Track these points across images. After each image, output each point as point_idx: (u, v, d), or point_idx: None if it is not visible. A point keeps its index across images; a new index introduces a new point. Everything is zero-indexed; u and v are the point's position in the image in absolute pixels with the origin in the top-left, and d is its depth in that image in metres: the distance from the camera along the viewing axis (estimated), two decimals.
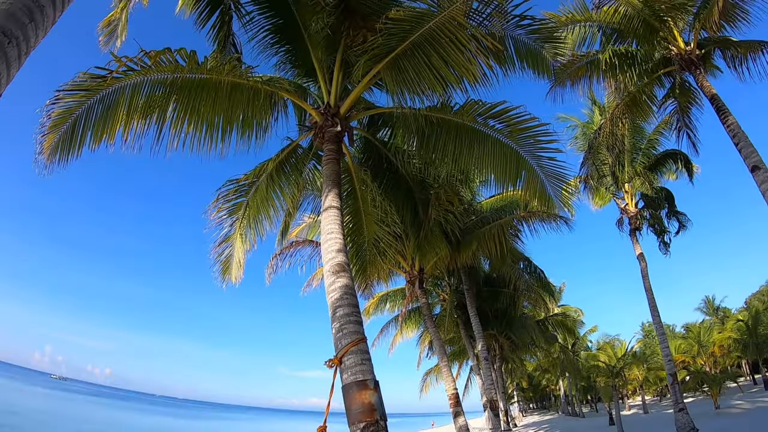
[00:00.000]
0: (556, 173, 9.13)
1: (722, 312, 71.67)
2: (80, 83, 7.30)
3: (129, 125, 8.10)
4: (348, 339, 6.03)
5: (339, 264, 6.68)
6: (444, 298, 26.68)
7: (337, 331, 6.15)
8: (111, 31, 10.31)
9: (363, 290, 14.34)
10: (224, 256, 11.46)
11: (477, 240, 17.08)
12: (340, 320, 6.19)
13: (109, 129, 7.97)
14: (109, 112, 7.83)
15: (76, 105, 7.54)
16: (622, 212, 22.23)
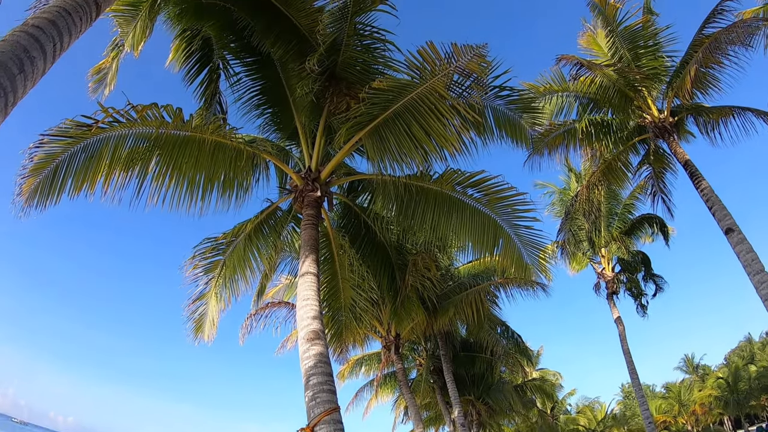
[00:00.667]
0: (533, 241, 9.23)
1: (702, 370, 71.81)
2: (65, 130, 7.31)
3: (110, 176, 8.08)
4: (321, 408, 5.94)
5: (314, 331, 6.64)
6: (420, 363, 26.31)
7: (310, 400, 6.06)
8: (100, 79, 10.42)
9: (338, 355, 14.18)
10: (198, 314, 11.28)
11: (454, 306, 17.04)
12: (314, 389, 6.11)
13: (90, 178, 7.95)
14: (91, 161, 7.82)
15: (60, 151, 7.51)
16: (599, 276, 22.46)
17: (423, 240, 10.18)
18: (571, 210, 17.01)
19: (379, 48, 9.04)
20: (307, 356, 6.40)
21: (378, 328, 17.41)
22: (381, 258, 12.21)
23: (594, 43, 16.20)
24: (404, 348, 26.00)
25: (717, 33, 12.58)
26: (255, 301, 13.84)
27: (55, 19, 4.44)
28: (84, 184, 7.97)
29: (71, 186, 7.93)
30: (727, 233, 11.94)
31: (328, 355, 6.62)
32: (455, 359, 23.70)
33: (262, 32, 9.13)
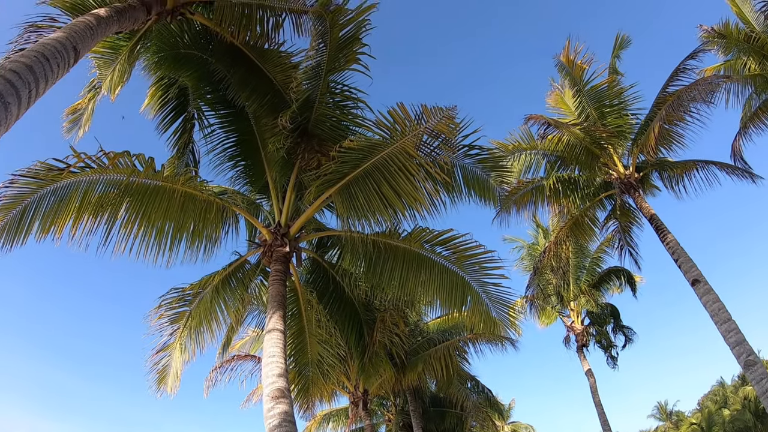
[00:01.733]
0: (501, 298, 9.28)
1: (676, 416, 71.54)
2: (36, 172, 7.23)
3: (78, 221, 7.98)
4: None
5: (279, 389, 6.55)
6: (389, 419, 25.90)
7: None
8: (75, 119, 10.39)
9: (305, 411, 13.91)
10: (161, 365, 11.02)
11: (423, 362, 16.93)
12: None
13: (58, 222, 7.84)
14: (60, 204, 7.73)
15: (29, 192, 7.41)
16: (568, 330, 22.60)
17: (391, 297, 10.18)
18: (539, 266, 17.21)
19: (351, 106, 9.26)
20: (272, 415, 6.29)
21: (346, 384, 17.20)
22: (349, 314, 12.13)
23: (561, 102, 16.69)
24: (373, 403, 25.59)
25: (679, 91, 13.08)
26: (220, 353, 13.59)
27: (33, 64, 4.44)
28: (51, 227, 7.86)
29: (38, 228, 7.79)
30: (693, 284, 12.18)
31: (293, 414, 6.52)
32: (425, 414, 23.34)
33: (238, 85, 9.26)
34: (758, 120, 14.99)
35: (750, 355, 10.93)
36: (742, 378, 71.14)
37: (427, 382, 22.81)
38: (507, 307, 9.37)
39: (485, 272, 9.21)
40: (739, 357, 11.06)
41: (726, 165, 14.61)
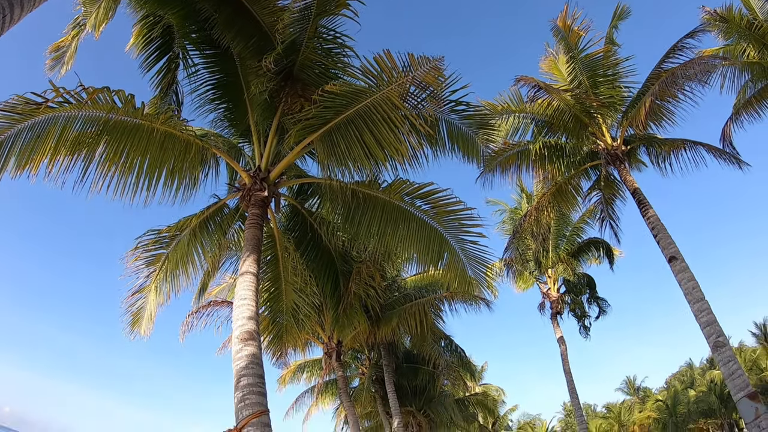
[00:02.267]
0: (478, 257, 9.28)
1: (643, 392, 73.48)
2: (14, 105, 7.07)
3: (55, 158, 7.84)
4: (250, 410, 5.82)
5: (248, 332, 6.52)
6: (363, 372, 26.29)
7: (239, 401, 5.93)
8: (58, 57, 10.19)
9: (278, 358, 13.98)
10: (136, 307, 10.96)
11: (397, 316, 17.04)
12: (243, 390, 5.99)
13: (35, 158, 7.68)
14: (37, 141, 7.57)
15: (6, 127, 7.27)
16: (544, 296, 22.77)
17: (369, 249, 10.13)
18: (519, 229, 17.19)
19: (338, 53, 9.02)
20: (240, 357, 6.28)
21: (320, 334, 17.29)
22: (326, 263, 12.10)
23: (555, 68, 16.48)
24: (347, 356, 25.83)
25: (675, 68, 12.92)
26: (196, 298, 13.58)
27: None
28: (28, 164, 7.70)
29: (14, 164, 7.63)
30: (670, 261, 12.25)
31: (261, 357, 6.50)
32: (398, 370, 23.68)
33: (224, 25, 8.97)
34: (751, 108, 14.94)
35: (719, 337, 11.07)
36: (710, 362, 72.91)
37: (402, 338, 23.06)
38: (484, 265, 9.37)
39: (464, 229, 9.17)
40: (709, 337, 11.20)
41: (714, 148, 14.57)
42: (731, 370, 10.80)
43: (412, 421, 28.59)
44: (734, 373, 10.77)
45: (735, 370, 10.79)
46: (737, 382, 10.69)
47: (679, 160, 14.69)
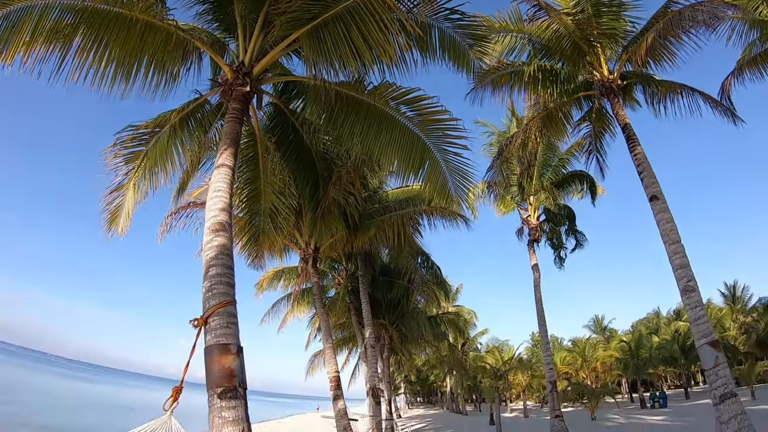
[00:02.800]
0: (460, 170, 9.13)
1: (609, 332, 76.01)
2: None
3: (31, 49, 7.52)
4: (216, 300, 5.79)
5: (220, 223, 6.41)
6: (339, 282, 26.75)
7: (207, 291, 5.90)
8: None
9: (253, 260, 13.99)
10: (114, 206, 10.82)
11: (376, 227, 17.05)
12: (212, 280, 5.94)
13: (10, 49, 7.38)
14: (12, 30, 7.26)
15: None
16: (523, 222, 22.81)
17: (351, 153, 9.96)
18: (504, 149, 16.99)
19: None
20: (209, 247, 6.20)
21: (297, 239, 17.18)
22: (306, 166, 11.94)
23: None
24: (324, 265, 26.19)
25: (683, 8, 12.51)
26: (175, 197, 13.34)
27: None
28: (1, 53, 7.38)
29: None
30: (651, 200, 12.23)
31: (231, 249, 6.41)
32: (373, 282, 24.09)
33: None
34: (755, 66, 14.58)
35: (690, 281, 11.18)
36: (677, 314, 75.55)
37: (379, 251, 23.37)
38: (465, 179, 9.23)
39: (448, 140, 8.98)
40: (680, 280, 11.31)
41: (712, 98, 14.29)
42: (697, 315, 10.99)
43: (384, 334, 29.29)
44: (699, 319, 10.97)
45: (701, 316, 10.99)
46: (701, 328, 10.89)
47: (674, 105, 14.43)
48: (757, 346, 49.67)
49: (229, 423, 5.22)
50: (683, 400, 47.25)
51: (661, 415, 33.00)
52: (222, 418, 5.23)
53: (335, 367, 16.75)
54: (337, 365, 16.87)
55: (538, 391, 66.16)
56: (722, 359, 10.52)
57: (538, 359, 56.86)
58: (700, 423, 23.04)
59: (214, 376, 5.41)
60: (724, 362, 10.49)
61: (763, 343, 48.35)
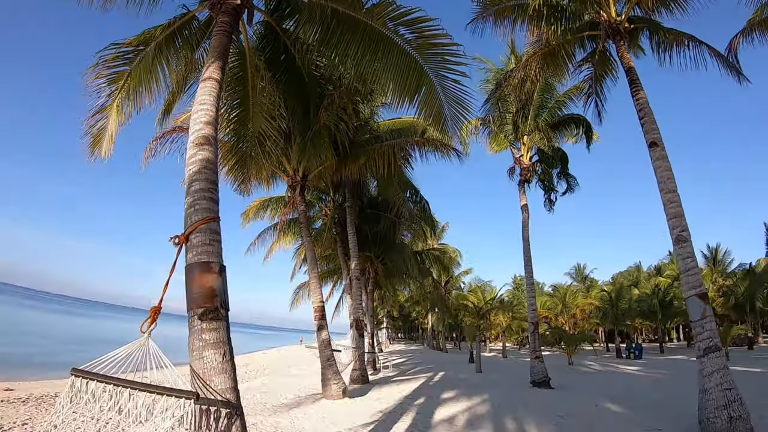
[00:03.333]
0: (457, 97, 8.71)
1: (589, 281, 77.11)
2: None
3: None
4: (199, 216, 5.49)
5: (204, 136, 6.04)
6: (326, 213, 26.51)
7: (189, 207, 5.58)
8: None
9: (240, 184, 13.58)
10: (97, 128, 10.40)
11: (366, 155, 16.74)
12: (194, 195, 5.61)
13: None
14: None
15: None
16: (515, 162, 22.36)
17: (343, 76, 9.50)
18: (503, 84, 16.48)
19: None
20: (193, 161, 5.84)
21: (285, 166, 16.65)
22: (298, 88, 11.47)
23: None
24: (312, 196, 25.99)
25: None
26: (160, 120, 12.86)
27: None
28: None
29: None
30: (651, 146, 11.93)
31: (216, 164, 6.06)
32: (361, 214, 24.05)
33: None
34: (765, 28, 14.00)
35: (683, 231, 11.00)
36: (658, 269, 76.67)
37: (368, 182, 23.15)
38: (462, 107, 8.82)
39: (446, 66, 8.50)
40: (673, 229, 11.12)
41: (719, 53, 13.71)
42: (688, 266, 10.86)
43: (369, 267, 29.36)
44: (690, 270, 10.85)
45: (691, 267, 10.86)
46: (691, 279, 10.78)
47: (680, 56, 13.89)
48: (734, 310, 50.69)
49: (209, 346, 5.01)
50: (658, 354, 48.14)
51: (636, 365, 33.59)
52: (202, 341, 5.01)
53: (320, 297, 16.76)
54: (321, 295, 16.84)
55: (516, 333, 67.34)
56: (709, 312, 10.46)
57: (519, 302, 57.89)
58: (675, 376, 23.36)
59: (194, 296, 5.15)
60: (711, 315, 10.43)
61: (741, 307, 49.38)
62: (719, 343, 10.12)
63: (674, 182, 11.42)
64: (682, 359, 38.77)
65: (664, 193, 11.40)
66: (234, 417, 4.79)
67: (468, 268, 65.96)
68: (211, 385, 4.86)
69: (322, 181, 20.50)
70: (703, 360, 10.04)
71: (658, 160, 11.70)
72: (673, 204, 11.20)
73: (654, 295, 54.38)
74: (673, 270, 69.14)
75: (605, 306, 53.08)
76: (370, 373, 25.19)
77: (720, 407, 9.41)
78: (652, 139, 11.93)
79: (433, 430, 10.97)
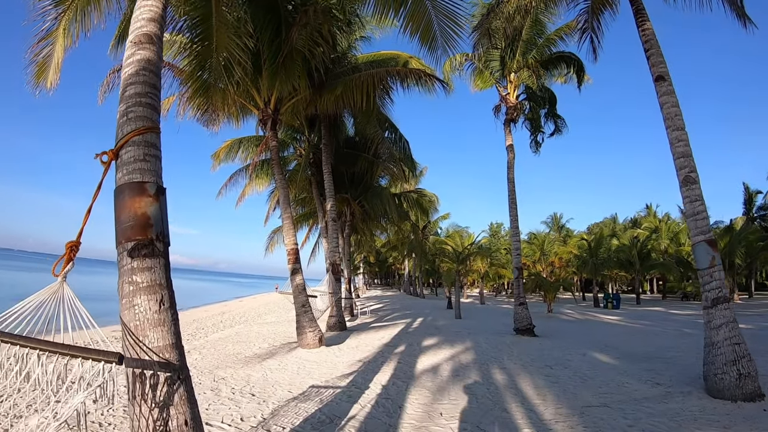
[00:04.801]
0: (448, 10, 7.68)
1: (565, 231, 77.82)
2: None
3: None
4: (132, 125, 4.33)
5: (146, 34, 4.84)
6: (301, 154, 25.35)
7: (122, 116, 4.42)
8: None
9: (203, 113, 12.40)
10: (42, 56, 9.33)
11: (343, 86, 15.22)
12: (128, 101, 4.43)
13: None
14: None
15: None
16: (501, 100, 21.26)
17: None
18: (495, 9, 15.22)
19: None
20: (130, 62, 4.64)
21: (255, 98, 15.01)
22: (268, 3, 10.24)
23: None
24: (286, 136, 24.83)
25: None
26: (113, 47, 11.60)
27: None
28: None
29: None
30: (657, 80, 10.85)
31: (160, 66, 4.88)
32: (337, 154, 22.95)
33: None
34: None
35: (692, 172, 10.00)
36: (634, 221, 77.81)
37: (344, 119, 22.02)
38: (453, 22, 7.78)
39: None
40: (681, 169, 10.12)
41: None
42: (696, 210, 9.86)
43: (346, 210, 28.38)
44: (699, 214, 9.87)
45: (700, 211, 9.87)
46: (699, 224, 9.84)
47: None
48: None
49: (142, 290, 3.86)
50: (634, 305, 48.45)
51: (615, 315, 33.57)
52: (133, 284, 3.85)
53: (293, 239, 15.58)
54: (295, 237, 15.68)
55: (493, 280, 67.84)
56: (718, 260, 9.56)
57: (496, 248, 57.72)
58: (659, 328, 23.12)
59: (123, 227, 3.99)
60: (719, 264, 9.55)
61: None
62: (728, 294, 9.34)
63: (682, 119, 10.45)
64: (659, 311, 38.79)
65: (671, 130, 10.43)
66: (176, 382, 3.75)
67: (446, 213, 65.73)
68: (145, 341, 3.76)
69: (296, 118, 19.30)
70: (710, 311, 9.27)
71: (665, 95, 10.69)
72: (681, 143, 10.24)
73: (633, 246, 54.63)
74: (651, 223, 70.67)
75: (584, 255, 53.19)
76: (347, 319, 24.73)
77: (729, 362, 8.68)
78: (659, 72, 10.90)
79: (417, 380, 10.24)
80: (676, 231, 65.38)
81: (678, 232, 64.62)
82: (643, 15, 11.55)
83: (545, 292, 34.40)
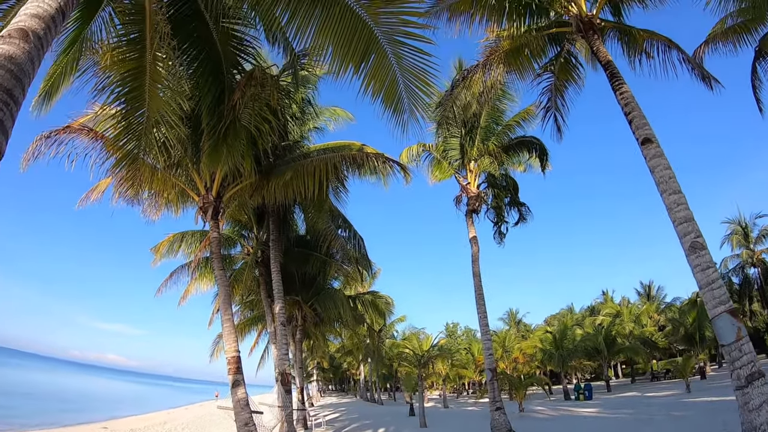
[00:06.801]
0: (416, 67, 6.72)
1: (523, 326, 77.50)
2: None
3: None
4: None
5: (20, 29, 3.50)
6: (248, 252, 23.65)
7: None
8: None
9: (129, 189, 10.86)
10: None
11: (293, 172, 13.72)
12: None
13: None
14: None
15: None
16: (462, 190, 20.58)
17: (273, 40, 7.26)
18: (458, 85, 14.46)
19: None
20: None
21: (195, 180, 13.40)
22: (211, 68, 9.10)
23: None
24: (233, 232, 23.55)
25: None
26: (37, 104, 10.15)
27: None
28: None
29: None
30: (643, 143, 10.21)
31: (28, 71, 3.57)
32: (287, 253, 21.51)
33: None
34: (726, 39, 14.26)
35: (698, 237, 9.04)
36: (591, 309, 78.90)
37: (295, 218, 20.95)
38: (422, 82, 6.83)
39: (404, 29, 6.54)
40: (685, 236, 9.15)
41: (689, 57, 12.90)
42: (710, 279, 8.76)
43: (297, 313, 26.63)
44: (714, 282, 8.76)
45: (715, 279, 8.80)
46: (716, 293, 8.69)
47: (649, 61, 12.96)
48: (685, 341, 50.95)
49: None
50: (605, 392, 47.14)
51: (591, 407, 31.78)
52: None
53: (234, 346, 13.19)
54: (236, 343, 13.36)
55: (454, 381, 66.22)
56: (744, 332, 8.34)
57: (456, 349, 56.74)
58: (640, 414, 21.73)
59: None
60: (746, 335, 8.31)
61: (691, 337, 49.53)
62: (761, 368, 8.02)
63: (676, 182, 9.72)
64: (635, 396, 37.35)
65: (667, 195, 9.59)
66: None
67: (402, 316, 64.29)
68: None
69: (243, 212, 17.96)
70: (746, 391, 7.94)
71: (654, 158, 10.01)
72: (680, 207, 9.36)
73: (598, 333, 54.32)
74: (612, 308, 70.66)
75: (549, 348, 52.39)
76: None
77: None
78: (645, 135, 10.25)
79: None
80: (637, 313, 66.01)
81: (639, 314, 65.38)
82: (619, 78, 11.24)
83: (515, 389, 32.89)
